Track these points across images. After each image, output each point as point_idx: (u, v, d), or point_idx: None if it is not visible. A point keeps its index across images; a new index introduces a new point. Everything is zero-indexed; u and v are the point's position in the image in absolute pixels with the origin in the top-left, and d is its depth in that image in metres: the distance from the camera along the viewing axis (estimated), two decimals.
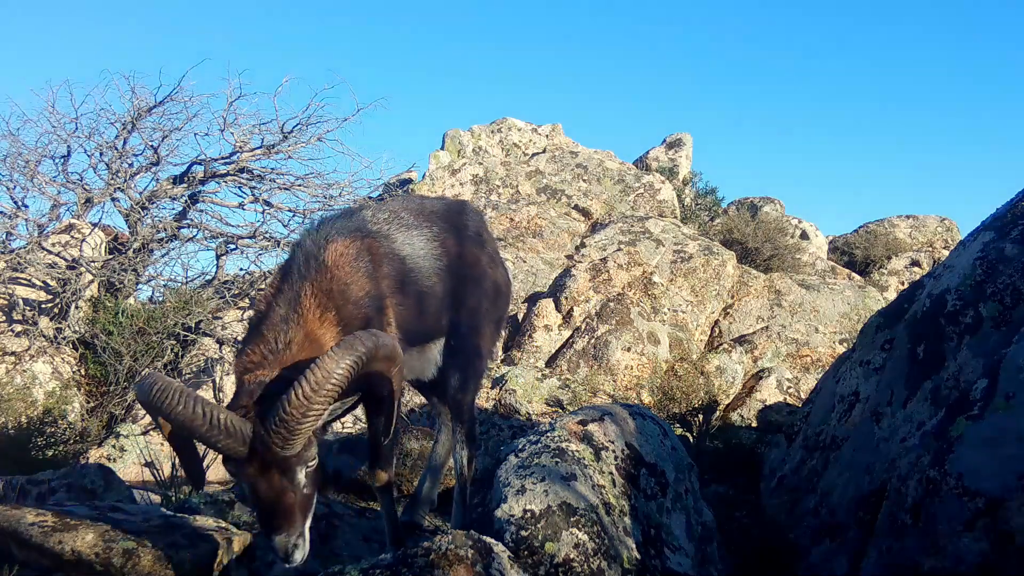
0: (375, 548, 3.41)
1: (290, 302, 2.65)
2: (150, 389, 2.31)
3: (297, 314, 2.62)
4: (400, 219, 3.25)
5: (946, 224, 13.64)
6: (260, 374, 2.46)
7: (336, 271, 2.76)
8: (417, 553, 2.41)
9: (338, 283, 2.74)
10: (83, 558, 2.69)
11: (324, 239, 2.84)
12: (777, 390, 7.45)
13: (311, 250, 2.80)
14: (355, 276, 2.81)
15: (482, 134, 13.73)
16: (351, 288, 2.78)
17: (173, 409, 2.26)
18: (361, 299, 2.80)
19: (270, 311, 2.67)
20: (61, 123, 8.79)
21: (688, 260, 9.47)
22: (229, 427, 2.25)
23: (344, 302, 2.72)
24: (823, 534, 3.50)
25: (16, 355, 7.50)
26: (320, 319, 2.64)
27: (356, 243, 2.90)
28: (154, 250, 8.89)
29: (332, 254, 2.80)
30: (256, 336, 2.61)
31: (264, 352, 2.54)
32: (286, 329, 2.58)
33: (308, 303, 2.65)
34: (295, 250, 2.87)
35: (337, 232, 2.90)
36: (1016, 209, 3.48)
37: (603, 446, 3.13)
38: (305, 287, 2.68)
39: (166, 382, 2.33)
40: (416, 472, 4.71)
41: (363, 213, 3.16)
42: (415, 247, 3.21)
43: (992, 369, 2.80)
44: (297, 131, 9.30)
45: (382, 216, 3.20)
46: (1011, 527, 2.39)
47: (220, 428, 2.24)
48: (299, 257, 2.79)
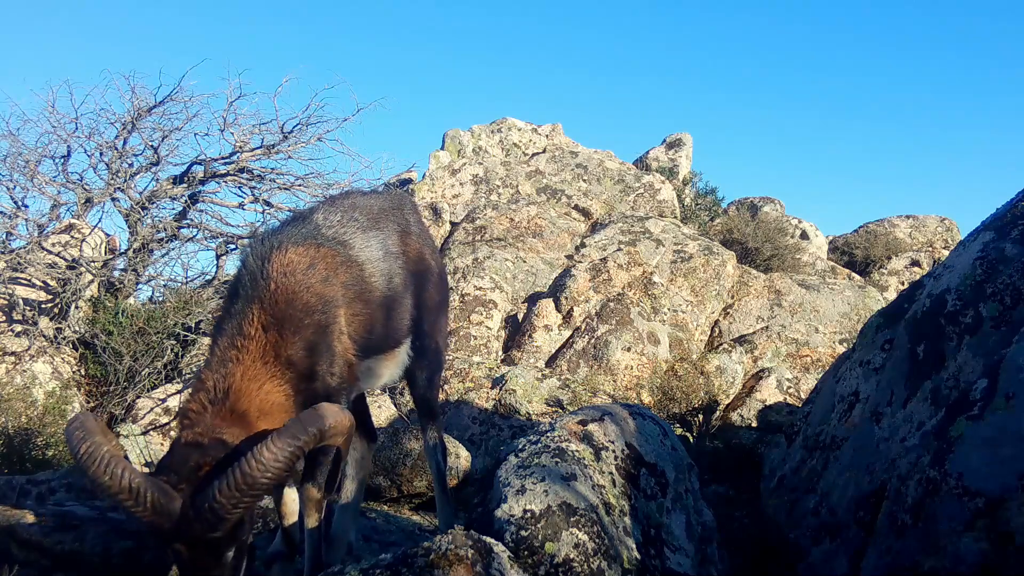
0: (375, 548, 3.41)
1: (232, 333, 2.44)
2: (77, 446, 2.10)
3: (237, 349, 2.41)
4: (355, 221, 3.03)
5: (946, 224, 13.63)
6: (196, 433, 2.25)
7: (284, 286, 2.53)
8: (417, 553, 2.41)
9: (286, 300, 2.51)
10: (83, 558, 2.69)
11: (270, 250, 2.60)
12: (777, 390, 7.45)
13: (255, 266, 2.56)
14: (306, 290, 2.58)
15: (482, 134, 13.73)
16: (301, 305, 2.54)
17: (98, 477, 2.06)
18: (314, 317, 2.57)
19: (214, 344, 2.46)
20: (61, 123, 8.78)
21: (688, 260, 9.47)
22: (155, 504, 2.06)
23: (294, 323, 2.50)
24: (823, 534, 3.50)
25: (16, 355, 7.49)
26: (263, 351, 2.43)
27: (310, 252, 2.67)
28: (154, 250, 8.88)
29: (278, 266, 2.56)
30: (199, 378, 2.41)
31: (203, 402, 2.34)
32: (224, 372, 2.37)
33: (252, 331, 2.43)
34: (240, 268, 2.63)
35: (287, 241, 2.67)
36: (1016, 209, 3.48)
37: (603, 446, 3.13)
38: (249, 312, 2.46)
39: (94, 442, 2.09)
40: (416, 472, 4.71)
41: (315, 217, 2.91)
42: (373, 251, 3.01)
43: (992, 369, 2.80)
44: (297, 131, 9.30)
45: (335, 219, 2.96)
46: (1011, 527, 2.39)
47: (147, 505, 2.05)
48: (244, 276, 2.56)
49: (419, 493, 4.74)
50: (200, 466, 2.17)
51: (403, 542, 3.67)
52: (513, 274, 9.67)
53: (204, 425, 2.28)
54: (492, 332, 8.58)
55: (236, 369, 2.38)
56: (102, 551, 2.70)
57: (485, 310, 8.83)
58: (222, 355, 2.41)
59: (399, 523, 4.17)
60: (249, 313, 2.46)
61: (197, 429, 2.26)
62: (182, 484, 2.13)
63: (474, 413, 6.43)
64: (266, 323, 2.46)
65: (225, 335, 2.45)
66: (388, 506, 4.63)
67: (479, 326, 8.53)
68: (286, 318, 2.49)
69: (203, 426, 2.27)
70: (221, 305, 2.66)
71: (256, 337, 2.44)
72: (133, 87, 8.95)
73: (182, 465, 2.17)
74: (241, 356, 2.40)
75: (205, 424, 2.28)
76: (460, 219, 11.21)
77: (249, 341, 2.43)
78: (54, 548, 2.69)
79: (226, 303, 2.58)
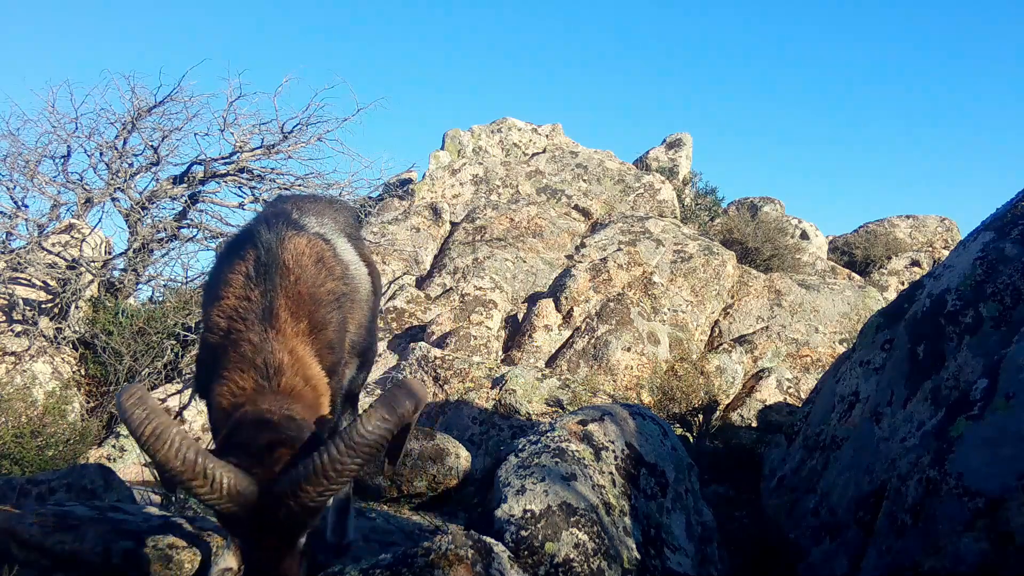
0: (375, 548, 3.41)
1: (262, 316, 2.31)
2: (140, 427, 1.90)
3: (275, 329, 2.29)
4: (328, 222, 2.99)
5: (946, 224, 13.63)
6: (262, 407, 2.09)
7: (301, 274, 2.46)
8: (417, 553, 2.41)
9: (306, 286, 2.45)
10: (83, 558, 2.69)
11: (280, 237, 2.51)
12: (777, 390, 7.45)
13: (274, 250, 2.46)
14: (320, 278, 2.53)
15: (482, 134, 13.73)
16: (319, 291, 2.49)
17: (166, 458, 1.87)
18: (330, 304, 2.51)
19: (236, 327, 2.32)
20: (61, 123, 8.79)
21: (688, 260, 9.47)
22: (232, 491, 1.87)
23: (313, 314, 2.42)
24: (823, 534, 3.50)
25: (16, 355, 7.49)
26: (296, 332, 2.34)
27: (313, 242, 2.63)
28: (154, 250, 8.89)
29: (294, 253, 2.49)
30: (235, 358, 2.24)
31: (255, 378, 2.18)
32: (270, 348, 2.23)
33: (283, 315, 2.34)
34: (249, 250, 2.50)
35: (293, 229, 2.60)
36: (1016, 209, 3.48)
37: (603, 446, 3.13)
38: (274, 297, 2.35)
39: (161, 424, 1.90)
40: (416, 472, 4.71)
41: (293, 215, 2.80)
42: (349, 251, 2.97)
43: (992, 369, 2.80)
44: (297, 131, 9.31)
45: (311, 219, 2.87)
46: (1011, 527, 2.39)
47: (222, 492, 1.87)
48: (260, 257, 2.44)
49: (419, 493, 4.74)
50: (272, 445, 1.98)
51: (403, 542, 3.67)
52: (513, 274, 9.67)
53: (267, 401, 2.11)
54: (492, 332, 8.58)
55: (281, 348, 2.25)
56: (102, 551, 2.70)
57: (485, 310, 8.83)
58: (262, 330, 2.27)
59: (399, 523, 4.17)
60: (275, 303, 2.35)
61: (264, 405, 2.09)
62: (256, 466, 1.94)
63: (474, 413, 6.42)
64: (295, 313, 2.37)
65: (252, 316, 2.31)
66: (388, 506, 4.63)
67: (479, 326, 8.53)
68: (310, 312, 2.41)
69: (267, 401, 2.11)
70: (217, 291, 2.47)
71: (286, 318, 2.34)
72: (133, 87, 8.97)
73: (251, 443, 1.98)
74: (279, 333, 2.28)
75: (267, 400, 2.12)
76: (460, 219, 11.21)
77: (284, 326, 2.32)
78: (54, 548, 2.69)
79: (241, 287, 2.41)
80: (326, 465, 1.87)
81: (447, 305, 8.97)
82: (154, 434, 1.88)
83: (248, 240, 2.52)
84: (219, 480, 1.86)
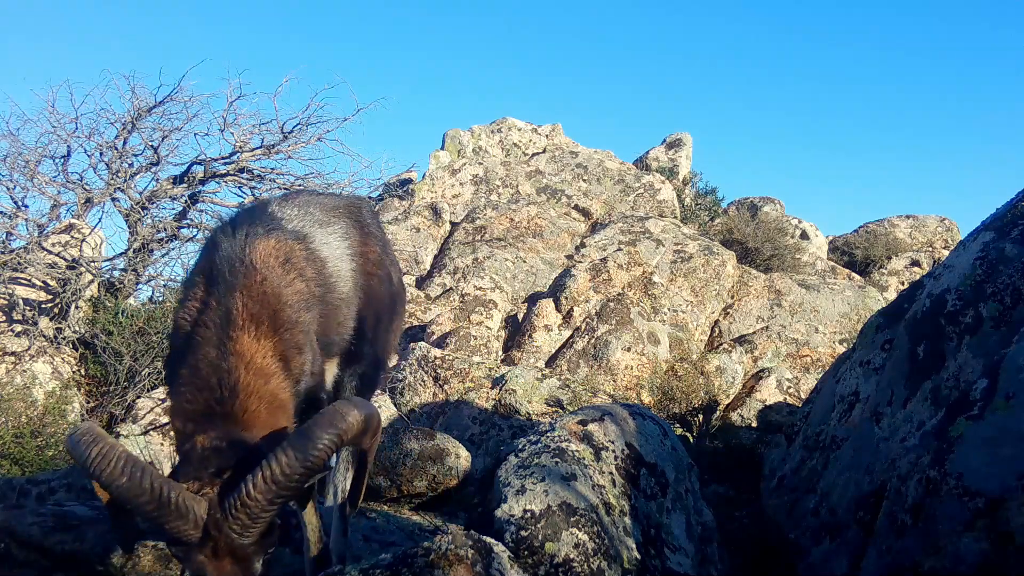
0: (375, 548, 3.41)
1: (221, 322, 2.28)
2: (86, 450, 1.94)
3: (232, 339, 2.25)
4: (312, 215, 2.89)
5: (946, 224, 13.63)
6: (211, 435, 2.09)
7: (267, 274, 2.42)
8: (417, 553, 2.41)
9: (271, 288, 2.40)
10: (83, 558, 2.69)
11: (246, 237, 2.47)
12: (777, 390, 7.45)
13: (234, 252, 2.41)
14: (287, 280, 2.48)
15: (482, 134, 13.73)
16: (285, 292, 2.44)
17: (114, 480, 1.91)
18: (297, 304, 2.47)
19: (197, 334, 2.29)
20: (61, 123, 8.79)
21: (688, 260, 9.47)
22: (181, 507, 1.91)
23: (278, 314, 2.38)
24: (823, 534, 3.50)
25: (16, 355, 7.49)
26: (257, 338, 2.30)
27: (283, 242, 2.56)
28: (154, 250, 8.89)
29: (260, 254, 2.44)
30: (191, 372, 2.23)
31: (207, 400, 2.18)
32: (226, 365, 2.21)
33: (242, 320, 2.29)
34: (212, 253, 2.46)
35: (261, 229, 2.54)
36: (1016, 209, 3.48)
37: (603, 446, 3.13)
38: (235, 299, 2.31)
39: (107, 445, 1.95)
40: (416, 472, 4.71)
41: (271, 209, 2.75)
42: (332, 247, 2.87)
43: (992, 369, 2.80)
44: (297, 131, 9.32)
45: (293, 212, 2.81)
46: (1011, 527, 2.39)
47: (170, 508, 1.90)
48: (219, 262, 2.39)
49: (419, 493, 4.73)
50: (222, 470, 2.03)
51: (403, 542, 3.67)
52: (513, 274, 9.67)
53: (217, 428, 2.13)
54: (492, 332, 8.58)
55: (236, 358, 2.22)
56: (102, 551, 2.70)
57: (485, 310, 8.83)
58: (219, 342, 2.24)
59: (399, 523, 4.17)
60: (235, 306, 2.30)
61: (212, 433, 2.11)
62: (206, 488, 1.99)
63: (474, 413, 6.42)
64: (256, 316, 2.32)
65: (211, 325, 2.28)
66: (388, 506, 4.63)
67: (479, 326, 8.53)
68: (274, 313, 2.38)
69: (217, 429, 2.13)
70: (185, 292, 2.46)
71: (245, 325, 2.29)
72: (133, 87, 8.97)
73: (203, 470, 2.03)
74: (237, 343, 2.25)
75: (217, 427, 2.14)
76: (460, 219, 11.21)
77: (242, 334, 2.27)
78: (54, 548, 2.69)
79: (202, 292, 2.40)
80: (273, 473, 1.93)
81: (447, 305, 8.97)
82: (99, 454, 1.93)
83: (216, 241, 2.51)
84: (166, 497, 1.91)
